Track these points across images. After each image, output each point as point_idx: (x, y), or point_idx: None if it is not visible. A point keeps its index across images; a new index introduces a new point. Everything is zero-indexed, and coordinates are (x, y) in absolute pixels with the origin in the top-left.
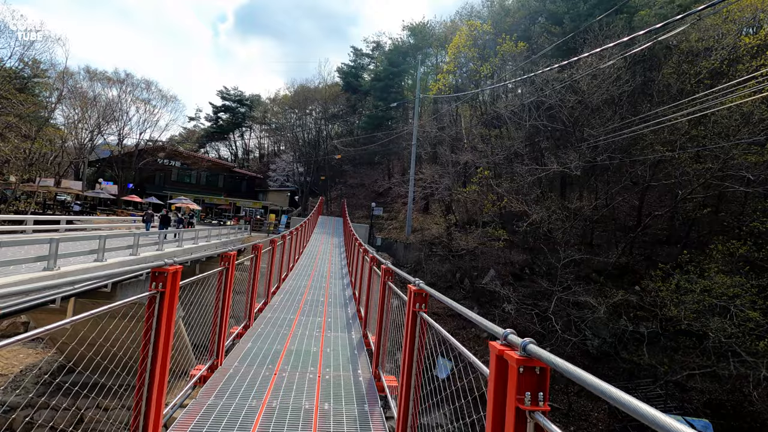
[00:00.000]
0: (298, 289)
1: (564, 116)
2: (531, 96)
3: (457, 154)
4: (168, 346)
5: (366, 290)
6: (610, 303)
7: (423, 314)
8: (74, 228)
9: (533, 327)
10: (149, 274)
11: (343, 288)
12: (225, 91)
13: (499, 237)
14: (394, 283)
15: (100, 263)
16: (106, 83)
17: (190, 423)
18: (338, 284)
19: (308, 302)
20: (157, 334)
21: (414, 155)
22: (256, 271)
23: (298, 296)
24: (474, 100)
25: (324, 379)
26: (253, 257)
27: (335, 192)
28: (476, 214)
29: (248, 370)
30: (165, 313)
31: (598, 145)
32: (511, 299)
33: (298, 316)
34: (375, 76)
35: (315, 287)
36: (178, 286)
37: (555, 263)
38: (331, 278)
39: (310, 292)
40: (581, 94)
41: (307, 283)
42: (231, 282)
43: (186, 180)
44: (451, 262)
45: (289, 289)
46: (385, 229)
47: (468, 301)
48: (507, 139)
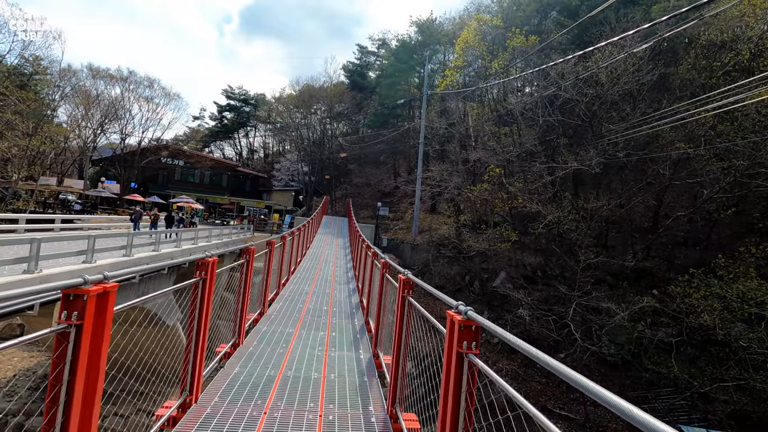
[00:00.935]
0: (300, 296)
1: (581, 111)
2: (545, 90)
3: (467, 152)
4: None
5: (377, 302)
6: (633, 309)
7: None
8: (69, 227)
9: (549, 334)
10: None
11: (349, 294)
12: (230, 90)
13: (510, 238)
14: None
15: (88, 265)
16: (108, 81)
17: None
18: (343, 290)
19: (310, 312)
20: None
21: (421, 153)
22: (247, 280)
23: (299, 304)
24: (483, 96)
25: (327, 421)
26: (244, 262)
27: (340, 192)
28: (486, 215)
29: (230, 409)
30: (86, 344)
31: (616, 141)
32: (523, 303)
33: (298, 329)
34: (381, 73)
35: (318, 294)
36: (109, 316)
37: (573, 266)
38: (336, 283)
39: (312, 300)
40: (600, 88)
41: (309, 288)
42: (210, 297)
43: (189, 179)
44: (460, 264)
45: (289, 296)
46: (391, 229)
47: (478, 305)
48: (518, 137)
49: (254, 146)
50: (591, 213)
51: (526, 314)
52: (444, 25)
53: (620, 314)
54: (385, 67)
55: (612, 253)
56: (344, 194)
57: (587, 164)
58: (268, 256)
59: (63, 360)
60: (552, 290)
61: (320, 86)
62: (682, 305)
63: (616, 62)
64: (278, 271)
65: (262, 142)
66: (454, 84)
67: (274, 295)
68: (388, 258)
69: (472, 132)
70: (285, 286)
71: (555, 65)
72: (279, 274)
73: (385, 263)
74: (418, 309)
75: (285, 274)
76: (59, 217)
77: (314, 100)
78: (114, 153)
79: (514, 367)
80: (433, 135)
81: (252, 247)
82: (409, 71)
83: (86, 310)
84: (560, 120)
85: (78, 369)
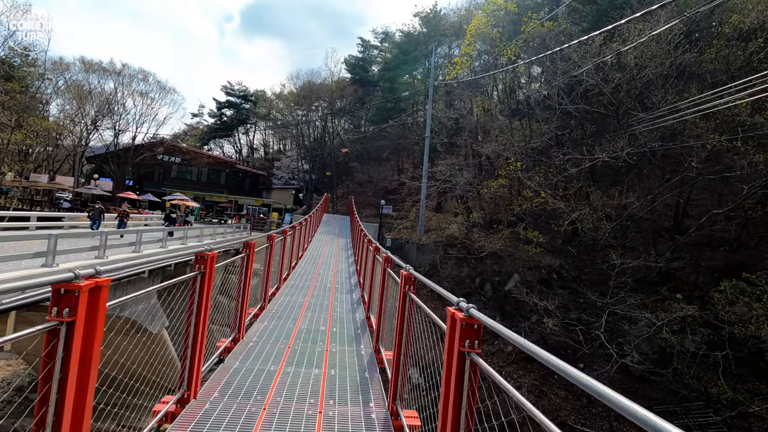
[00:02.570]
0: (292, 309)
1: (605, 99)
2: (565, 75)
3: (479, 145)
4: None
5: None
6: (672, 318)
7: None
8: (46, 226)
9: (570, 343)
10: None
11: (353, 307)
12: (229, 87)
13: (532, 239)
14: None
15: (48, 269)
16: (102, 74)
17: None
18: (345, 301)
19: (303, 334)
20: None
21: (427, 147)
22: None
23: (290, 323)
24: (494, 87)
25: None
26: (198, 275)
27: (341, 190)
28: (499, 212)
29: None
30: None
31: (640, 133)
32: (544, 310)
33: (283, 365)
34: (384, 65)
35: (315, 307)
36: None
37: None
38: (336, 292)
39: (306, 316)
40: (628, 71)
41: (304, 300)
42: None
43: (186, 177)
44: (470, 266)
45: (278, 311)
46: (395, 228)
47: (490, 310)
48: (530, 130)
49: (254, 144)
50: (617, 211)
51: (550, 323)
52: (449, 16)
53: (657, 323)
54: (388, 60)
55: (632, 254)
56: (346, 192)
57: (616, 156)
58: (245, 262)
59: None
60: (572, 295)
61: (321, 83)
62: (726, 313)
63: (644, 43)
64: (264, 280)
65: (263, 140)
66: (462, 75)
67: (259, 309)
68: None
69: (479, 127)
70: (275, 295)
71: (575, 48)
72: (265, 285)
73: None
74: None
75: (276, 281)
76: (35, 214)
77: (315, 96)
78: (107, 149)
79: (531, 380)
80: (440, 127)
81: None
82: (413, 63)
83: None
84: (582, 109)
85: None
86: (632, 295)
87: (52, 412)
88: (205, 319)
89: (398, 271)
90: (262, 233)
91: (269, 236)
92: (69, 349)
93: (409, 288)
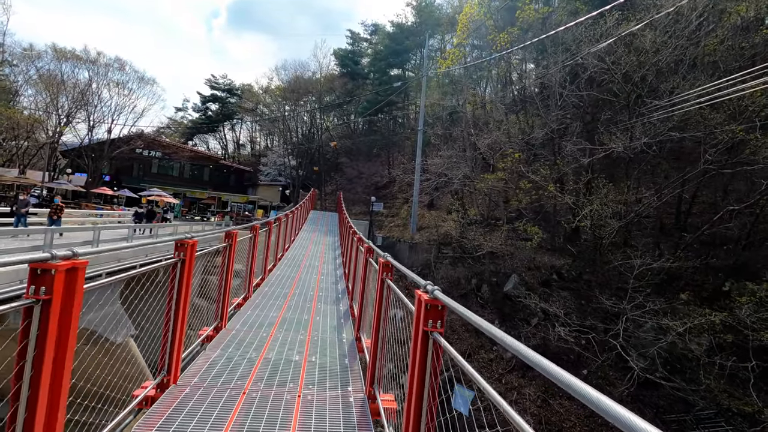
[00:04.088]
0: (259, 331)
1: (615, 85)
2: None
3: (476, 137)
4: None
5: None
6: (694, 325)
7: None
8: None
9: (581, 352)
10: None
11: (339, 323)
12: (213, 80)
13: (532, 236)
14: None
15: None
16: (75, 63)
17: None
18: (330, 314)
19: (265, 372)
20: None
21: (420, 140)
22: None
23: (253, 353)
24: (488, 78)
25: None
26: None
27: (330, 186)
28: (497, 208)
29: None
30: None
31: (656, 120)
32: (539, 311)
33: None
34: (375, 55)
35: (290, 324)
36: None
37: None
38: (319, 303)
39: (278, 339)
40: (642, 54)
41: (277, 315)
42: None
43: (168, 172)
44: (465, 266)
45: (240, 336)
46: (385, 226)
47: (488, 312)
48: (532, 121)
49: (241, 140)
50: (626, 207)
51: (561, 331)
52: (443, 7)
53: (678, 330)
54: (379, 50)
55: (635, 253)
56: (335, 189)
57: (632, 146)
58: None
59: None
60: (576, 297)
61: (310, 77)
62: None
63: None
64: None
65: (250, 136)
66: (457, 64)
67: (214, 330)
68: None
69: (473, 119)
70: (239, 309)
71: (582, 30)
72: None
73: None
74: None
75: (244, 289)
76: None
77: (303, 90)
78: (81, 143)
79: (534, 389)
80: (435, 119)
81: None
82: (405, 53)
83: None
84: (587, 97)
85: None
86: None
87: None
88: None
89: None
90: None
91: (226, 233)
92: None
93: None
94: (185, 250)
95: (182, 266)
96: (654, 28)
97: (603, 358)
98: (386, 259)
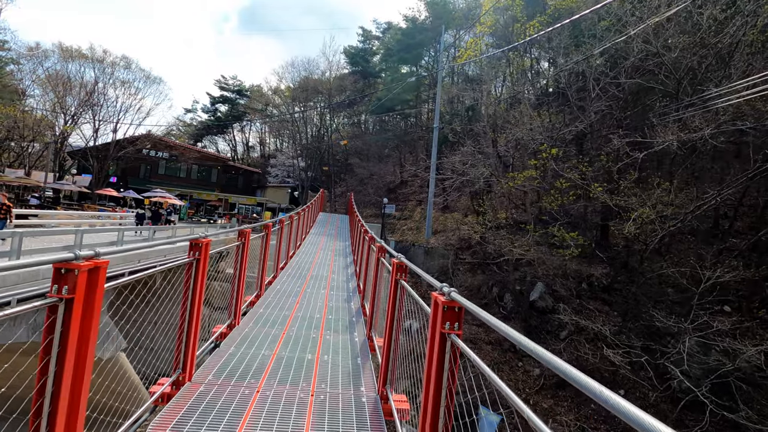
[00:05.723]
0: (252, 362)
1: (664, 71)
2: (611, 41)
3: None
4: None
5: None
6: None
7: None
8: None
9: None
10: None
11: (354, 350)
12: (223, 81)
13: (569, 243)
14: None
15: None
16: (81, 62)
17: None
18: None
19: None
20: None
21: (436, 138)
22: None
23: (243, 402)
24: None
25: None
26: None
27: (340, 188)
28: (524, 211)
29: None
30: None
31: (718, 109)
32: (567, 325)
33: None
34: (387, 51)
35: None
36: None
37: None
38: (326, 331)
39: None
40: (699, 35)
41: (273, 349)
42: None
43: (175, 174)
44: (485, 273)
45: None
46: (398, 230)
47: (512, 325)
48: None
49: (250, 142)
50: (674, 210)
51: (610, 353)
52: (458, 2)
53: (746, 351)
54: (391, 45)
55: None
56: (345, 191)
57: (700, 137)
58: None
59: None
60: (605, 306)
61: (319, 77)
62: None
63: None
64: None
65: (259, 138)
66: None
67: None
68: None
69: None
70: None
71: (625, 3)
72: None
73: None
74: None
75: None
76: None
77: (312, 90)
78: (86, 143)
79: (566, 410)
80: (452, 115)
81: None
82: (418, 48)
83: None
84: (630, 86)
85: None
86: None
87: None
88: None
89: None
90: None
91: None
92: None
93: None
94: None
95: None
96: (714, 3)
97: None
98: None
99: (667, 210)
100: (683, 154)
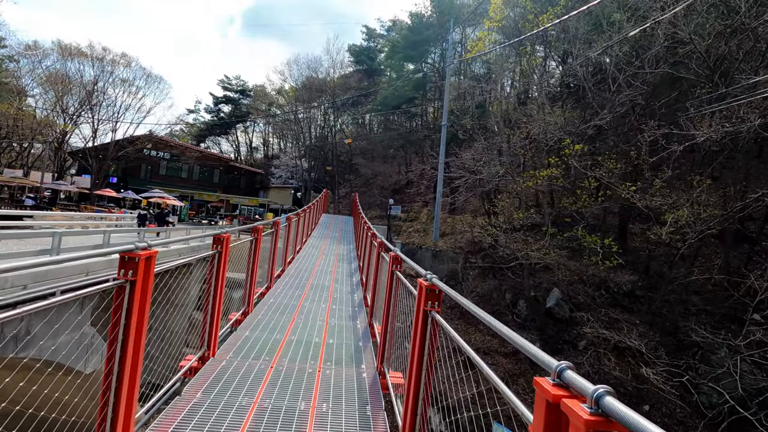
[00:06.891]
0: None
1: (695, 58)
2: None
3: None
4: None
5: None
6: None
7: None
8: None
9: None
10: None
11: (362, 396)
12: (226, 81)
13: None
14: None
15: None
16: (81, 60)
17: None
18: (347, 396)
19: None
20: None
21: (444, 135)
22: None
23: None
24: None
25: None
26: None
27: (344, 189)
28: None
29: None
30: None
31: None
32: (586, 334)
33: None
34: (392, 48)
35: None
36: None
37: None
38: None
39: None
40: (734, 18)
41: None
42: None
43: (177, 174)
44: (497, 278)
45: None
46: (404, 232)
47: (528, 334)
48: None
49: (253, 143)
50: (712, 211)
51: (654, 378)
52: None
53: None
54: (396, 42)
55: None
56: (349, 191)
57: (747, 129)
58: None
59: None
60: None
61: (323, 77)
62: None
63: None
64: None
65: (263, 138)
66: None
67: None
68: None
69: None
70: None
71: None
72: None
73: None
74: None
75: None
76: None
77: (316, 89)
78: (85, 144)
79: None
80: (461, 111)
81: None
82: (423, 45)
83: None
84: (664, 74)
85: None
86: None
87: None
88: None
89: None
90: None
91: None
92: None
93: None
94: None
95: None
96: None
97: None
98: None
99: (703, 211)
100: (717, 150)
